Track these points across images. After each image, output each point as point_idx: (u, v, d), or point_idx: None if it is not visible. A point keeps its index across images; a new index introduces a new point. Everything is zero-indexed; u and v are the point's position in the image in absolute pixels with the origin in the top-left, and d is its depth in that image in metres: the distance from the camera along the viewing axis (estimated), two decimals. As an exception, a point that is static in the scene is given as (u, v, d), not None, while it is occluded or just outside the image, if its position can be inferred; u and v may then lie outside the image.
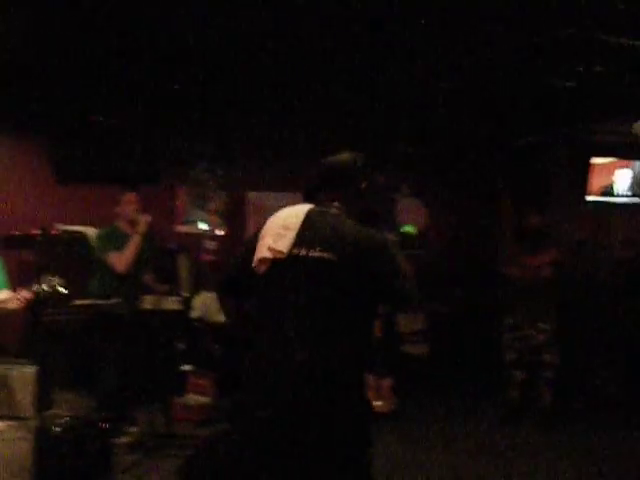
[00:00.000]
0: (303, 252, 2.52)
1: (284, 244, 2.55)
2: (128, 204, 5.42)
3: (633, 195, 7.89)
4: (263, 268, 2.57)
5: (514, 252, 6.44)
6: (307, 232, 2.56)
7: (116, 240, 5.35)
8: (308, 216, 2.61)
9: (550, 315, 6.21)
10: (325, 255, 2.49)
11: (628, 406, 6.54)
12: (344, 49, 5.72)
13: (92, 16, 5.03)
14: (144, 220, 5.36)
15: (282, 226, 2.61)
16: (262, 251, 2.57)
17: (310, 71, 6.36)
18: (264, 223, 2.70)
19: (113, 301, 5.20)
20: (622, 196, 7.90)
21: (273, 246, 2.56)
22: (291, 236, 2.56)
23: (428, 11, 4.93)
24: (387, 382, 6.22)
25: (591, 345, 7.31)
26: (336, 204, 2.68)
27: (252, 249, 2.62)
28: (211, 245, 7.51)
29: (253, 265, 2.59)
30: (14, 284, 7.16)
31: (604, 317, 7.28)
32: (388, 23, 5.14)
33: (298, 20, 5.09)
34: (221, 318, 6.59)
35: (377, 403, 6.13)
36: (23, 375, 5.80)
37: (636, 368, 6.79)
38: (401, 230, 8.92)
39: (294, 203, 2.76)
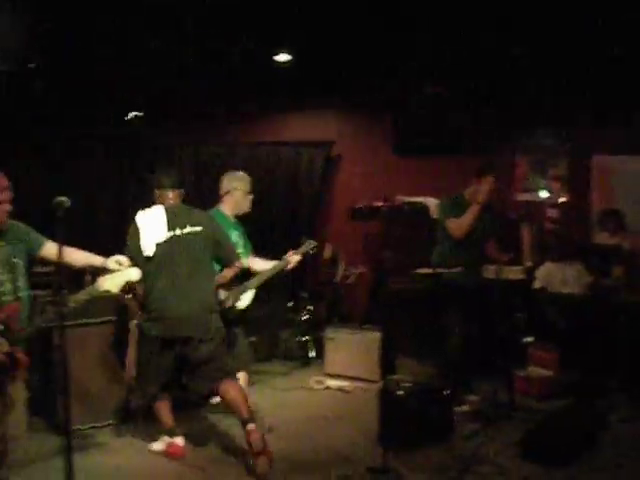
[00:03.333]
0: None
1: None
2: (486, 184, 5.33)
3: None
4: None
5: None
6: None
7: (457, 208, 5.37)
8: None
9: None
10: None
11: None
12: None
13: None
14: (485, 189, 5.27)
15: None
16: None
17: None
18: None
19: (455, 270, 5.22)
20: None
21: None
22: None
23: None
24: None
25: None
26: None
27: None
28: (553, 213, 7.21)
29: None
30: (360, 255, 7.63)
31: None
32: None
33: None
34: (568, 289, 6.31)
35: None
36: (368, 340, 6.14)
37: None
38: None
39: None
